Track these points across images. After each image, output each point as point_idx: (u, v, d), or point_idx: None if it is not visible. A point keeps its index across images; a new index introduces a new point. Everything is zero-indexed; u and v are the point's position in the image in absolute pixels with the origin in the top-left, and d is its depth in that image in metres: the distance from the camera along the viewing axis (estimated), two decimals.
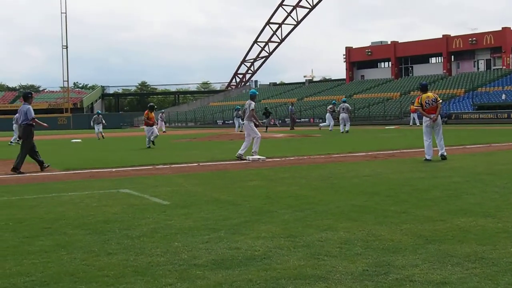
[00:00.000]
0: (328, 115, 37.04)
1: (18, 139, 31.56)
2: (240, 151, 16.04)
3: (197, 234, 6.17)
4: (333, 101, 39.88)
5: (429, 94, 14.41)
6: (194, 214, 7.42)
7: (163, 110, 50.57)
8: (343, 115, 34.65)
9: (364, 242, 5.62)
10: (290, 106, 48.30)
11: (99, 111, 45.88)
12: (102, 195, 9.37)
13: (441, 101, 14.63)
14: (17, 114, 33.23)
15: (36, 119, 14.69)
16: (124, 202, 8.56)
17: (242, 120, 18.78)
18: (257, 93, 18.28)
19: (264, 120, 40.82)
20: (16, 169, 13.86)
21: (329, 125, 36.90)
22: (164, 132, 46.91)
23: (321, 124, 36.59)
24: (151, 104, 25.15)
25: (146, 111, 24.27)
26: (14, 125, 32.58)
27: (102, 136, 35.98)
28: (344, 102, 36.16)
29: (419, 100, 14.24)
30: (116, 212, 7.71)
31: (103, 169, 13.97)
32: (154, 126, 23.91)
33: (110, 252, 5.50)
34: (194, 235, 6.13)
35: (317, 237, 5.89)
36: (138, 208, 8.02)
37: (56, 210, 8.00)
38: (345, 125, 34.47)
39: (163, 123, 50.35)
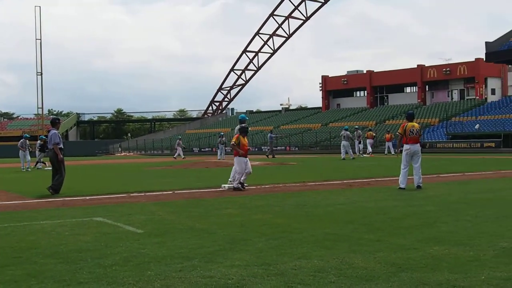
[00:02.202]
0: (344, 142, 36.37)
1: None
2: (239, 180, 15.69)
3: (170, 263, 6.13)
4: (345, 127, 38.94)
5: (415, 124, 14.53)
6: (168, 242, 7.36)
7: (180, 136, 48.79)
8: (344, 143, 35.89)
9: (338, 270, 5.62)
10: (269, 134, 48.45)
11: (222, 133, 46.06)
12: (75, 224, 9.26)
13: (421, 133, 14.84)
14: (38, 141, 33.34)
15: (56, 146, 15.05)
16: (97, 231, 8.47)
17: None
18: (247, 118, 17.61)
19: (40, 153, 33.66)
20: (56, 191, 14.65)
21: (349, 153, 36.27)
22: (184, 158, 45.91)
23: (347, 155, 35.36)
24: (244, 125, 16.10)
25: (236, 135, 15.84)
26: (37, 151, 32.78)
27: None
28: (346, 130, 36.91)
29: (404, 128, 14.37)
30: (89, 240, 7.63)
31: (76, 197, 13.84)
32: (248, 158, 15.63)
33: (81, 281, 5.43)
34: (168, 264, 6.08)
35: (291, 265, 5.87)
36: (111, 236, 7.94)
37: (27, 239, 7.89)
38: (346, 152, 35.69)
39: (181, 149, 48.94)
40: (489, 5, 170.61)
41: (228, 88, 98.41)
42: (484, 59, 58.98)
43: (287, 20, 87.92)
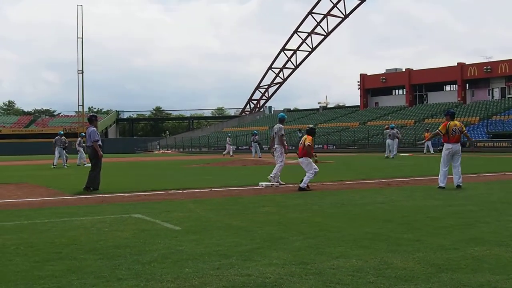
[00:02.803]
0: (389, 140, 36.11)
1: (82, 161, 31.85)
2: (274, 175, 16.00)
3: (208, 260, 6.14)
4: (391, 125, 37.76)
5: (456, 122, 14.32)
6: (206, 240, 7.39)
7: (255, 131, 49.00)
8: (388, 141, 35.65)
9: (376, 270, 5.56)
10: (298, 133, 48.31)
11: (255, 131, 46.20)
12: (114, 220, 9.36)
13: (466, 130, 14.60)
14: (79, 138, 33.74)
15: (96, 143, 15.23)
16: (135, 227, 8.54)
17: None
18: (286, 116, 17.89)
19: None
20: (94, 188, 14.78)
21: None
22: (223, 155, 46.25)
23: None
24: (313, 127, 15.91)
25: (310, 137, 15.02)
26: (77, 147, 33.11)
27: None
28: (392, 128, 36.33)
29: (446, 127, 14.13)
30: (127, 237, 7.69)
31: (115, 194, 13.99)
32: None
33: (120, 278, 5.47)
34: (205, 261, 6.10)
35: (329, 265, 5.83)
36: (149, 233, 7.99)
37: (67, 234, 8.00)
38: (390, 151, 35.35)
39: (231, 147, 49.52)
40: None
41: (266, 87, 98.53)
42: None
43: (325, 18, 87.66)
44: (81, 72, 77.92)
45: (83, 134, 33.04)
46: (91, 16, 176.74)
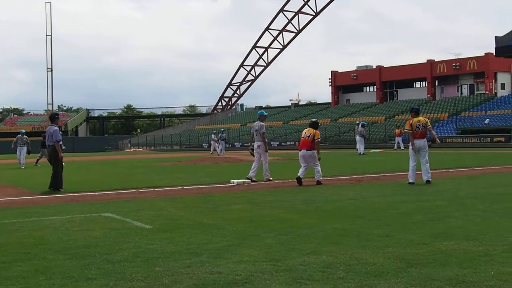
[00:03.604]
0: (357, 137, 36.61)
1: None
2: (251, 173, 16.24)
3: (179, 259, 6.12)
4: (362, 123, 38.21)
5: (420, 118, 14.47)
6: (177, 238, 7.36)
7: (222, 129, 46.93)
8: (357, 138, 36.59)
9: (346, 266, 5.59)
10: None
11: (223, 129, 45.45)
12: (84, 219, 9.27)
13: (430, 126, 14.73)
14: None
15: (58, 143, 14.98)
16: (105, 226, 8.47)
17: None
18: (266, 114, 18.18)
19: None
20: (57, 188, 14.53)
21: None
22: (211, 153, 44.41)
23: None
24: (316, 120, 16.23)
25: (317, 131, 15.33)
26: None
27: None
28: (363, 126, 37.02)
29: (410, 123, 14.30)
30: (97, 236, 7.63)
31: (85, 193, 13.85)
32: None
33: (89, 277, 5.42)
34: (176, 260, 6.07)
35: (300, 261, 5.85)
36: (120, 232, 7.94)
37: (36, 234, 7.90)
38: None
39: (217, 145, 45.98)
40: None
41: (238, 84, 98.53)
42: (494, 54, 58.60)
43: (296, 16, 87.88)
44: (50, 70, 77.12)
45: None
46: (62, 14, 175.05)
